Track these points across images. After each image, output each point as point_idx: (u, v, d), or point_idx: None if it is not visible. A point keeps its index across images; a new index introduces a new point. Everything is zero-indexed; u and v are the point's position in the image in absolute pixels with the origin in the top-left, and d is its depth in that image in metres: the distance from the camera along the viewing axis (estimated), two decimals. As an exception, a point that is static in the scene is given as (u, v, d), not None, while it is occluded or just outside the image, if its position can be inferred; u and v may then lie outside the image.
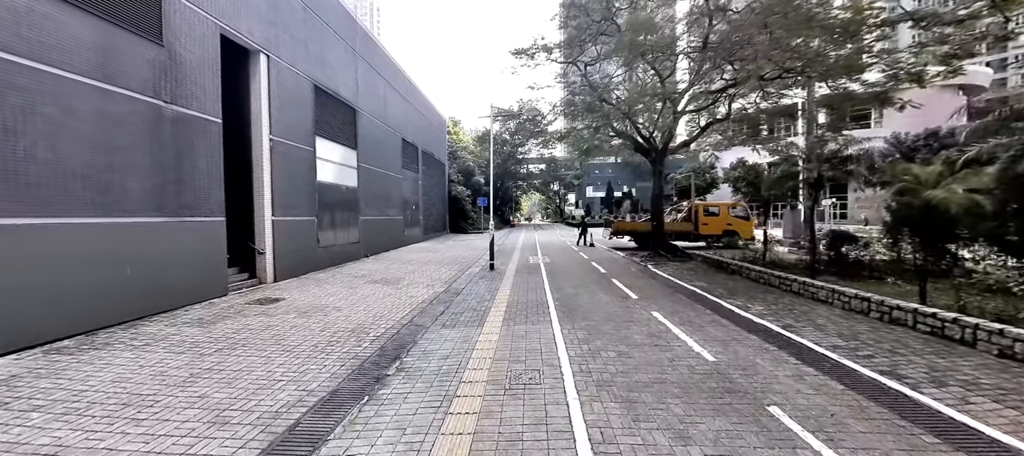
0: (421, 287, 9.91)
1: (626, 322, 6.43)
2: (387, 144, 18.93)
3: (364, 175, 16.10)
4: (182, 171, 7.90)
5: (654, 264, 12.79)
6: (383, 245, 17.91)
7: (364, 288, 9.80)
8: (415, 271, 12.51)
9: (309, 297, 8.83)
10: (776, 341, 5.48)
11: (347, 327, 6.52)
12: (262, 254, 10.31)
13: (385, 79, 18.80)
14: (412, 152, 23.15)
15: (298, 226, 11.59)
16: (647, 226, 18.18)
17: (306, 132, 12.12)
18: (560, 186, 74.09)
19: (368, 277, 11.41)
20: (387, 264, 14.13)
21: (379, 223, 17.61)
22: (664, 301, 7.90)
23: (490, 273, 12.07)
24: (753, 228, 17.90)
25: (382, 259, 15.56)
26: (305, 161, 12.05)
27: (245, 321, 6.91)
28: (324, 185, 13.13)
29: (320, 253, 12.70)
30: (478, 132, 54.45)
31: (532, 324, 6.42)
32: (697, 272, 11.37)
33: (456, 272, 12.31)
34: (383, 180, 18.29)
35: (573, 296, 8.48)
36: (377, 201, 17.49)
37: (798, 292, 8.09)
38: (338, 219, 14.07)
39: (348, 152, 15.00)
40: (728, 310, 7.15)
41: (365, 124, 16.30)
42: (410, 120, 22.65)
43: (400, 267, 13.38)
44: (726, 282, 9.79)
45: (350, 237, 14.92)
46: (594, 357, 4.92)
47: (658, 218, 14.27)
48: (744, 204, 17.99)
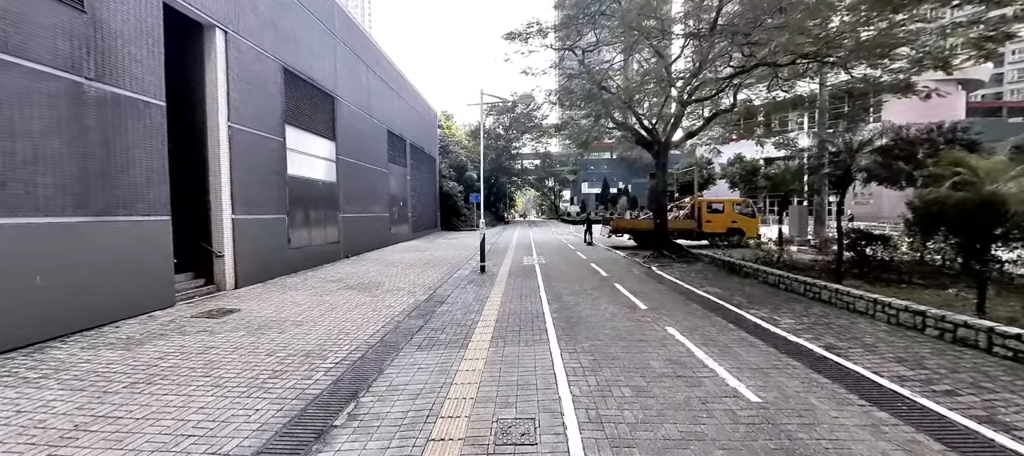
0: (401, 294, 8.78)
1: (639, 342, 5.37)
2: (371, 136, 17.67)
3: (344, 169, 14.87)
4: (112, 162, 6.67)
5: (659, 266, 11.77)
6: (366, 244, 16.70)
7: (336, 296, 8.64)
8: (397, 274, 11.37)
9: (270, 307, 7.66)
10: (825, 370, 4.45)
11: (302, 349, 5.39)
12: (220, 257, 9.10)
13: (368, 66, 17.51)
14: (399, 145, 21.89)
15: (264, 225, 10.37)
16: (648, 224, 17.17)
17: (274, 120, 10.87)
18: (555, 182, 73.04)
19: (344, 282, 10.25)
20: (368, 266, 12.96)
21: (362, 221, 16.40)
22: (678, 312, 6.86)
23: (480, 277, 10.96)
24: (759, 226, 16.98)
25: (364, 260, 14.38)
26: (273, 152, 10.81)
27: (182, 341, 5.75)
28: (296, 179, 11.90)
29: (292, 255, 11.49)
30: (471, 126, 53.11)
31: (526, 345, 5.33)
32: (707, 275, 10.36)
33: (443, 275, 11.19)
34: (366, 175, 17.05)
35: (573, 306, 7.41)
36: (359, 197, 16.26)
37: (829, 301, 7.10)
38: (313, 217, 12.85)
39: (325, 144, 13.75)
40: (753, 324, 6.13)
41: (345, 114, 15.04)
42: (397, 111, 21.37)
43: (382, 270, 12.22)
44: (742, 287, 8.79)
45: (328, 236, 13.71)
46: (605, 397, 3.85)
47: (661, 215, 13.27)
48: (750, 200, 17.06)
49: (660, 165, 13.36)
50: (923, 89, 11.02)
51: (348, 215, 15.11)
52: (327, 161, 13.87)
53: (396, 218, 20.84)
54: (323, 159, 13.61)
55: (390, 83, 20.49)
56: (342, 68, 14.89)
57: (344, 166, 14.85)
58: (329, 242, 13.77)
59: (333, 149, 14.20)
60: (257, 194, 10.14)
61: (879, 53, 11.12)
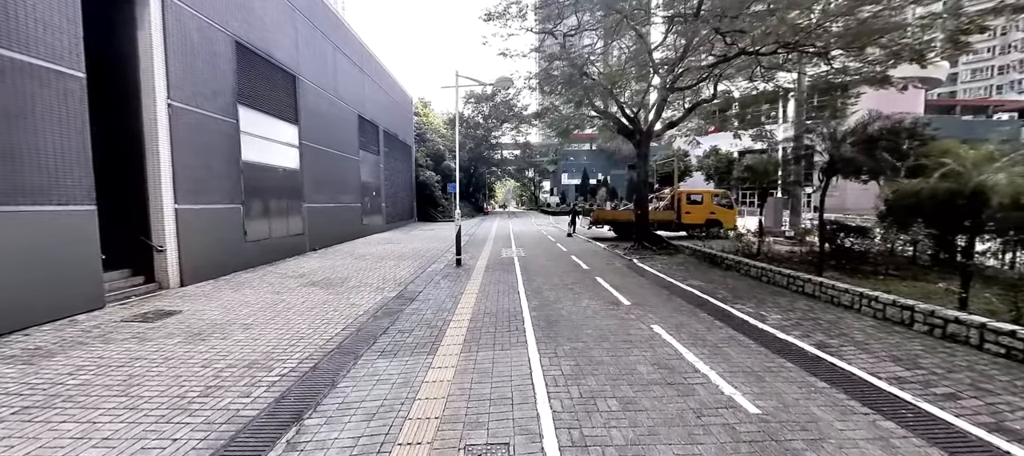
0: (368, 291, 8.10)
1: (624, 343, 4.96)
2: (339, 121, 16.59)
3: (309, 155, 13.84)
4: (13, 143, 5.66)
5: (639, 258, 11.51)
6: (335, 236, 15.76)
7: (295, 294, 7.88)
8: (367, 268, 10.62)
9: (217, 308, 6.85)
10: (821, 372, 4.16)
11: (245, 359, 4.70)
12: (161, 252, 8.13)
13: (336, 46, 16.34)
14: (372, 132, 20.79)
15: (215, 216, 9.40)
16: (629, 215, 16.97)
17: (226, 100, 9.82)
18: (535, 173, 72.62)
19: (307, 277, 9.45)
20: (335, 260, 12.12)
21: (330, 211, 15.42)
22: (662, 308, 6.52)
23: (456, 271, 10.37)
24: (736, 217, 17.08)
25: (332, 253, 13.50)
26: (224, 135, 9.78)
27: (102, 352, 4.93)
28: (253, 166, 10.89)
29: (249, 248, 10.54)
30: (450, 114, 51.79)
31: (501, 349, 4.83)
32: (688, 268, 10.15)
33: (416, 270, 10.53)
34: (334, 162, 16.02)
35: (553, 302, 6.96)
36: (327, 186, 15.26)
37: (814, 295, 6.93)
38: (274, 207, 11.86)
39: (287, 128, 12.69)
40: (740, 320, 5.84)
41: (309, 96, 13.96)
42: (369, 96, 20.23)
43: (350, 263, 11.43)
44: (724, 280, 8.58)
45: (291, 228, 12.74)
46: (589, 412, 3.39)
47: (642, 206, 13.01)
48: (727, 192, 17.12)
49: (641, 155, 13.05)
50: (900, 81, 11.08)
51: (314, 205, 14.13)
52: (289, 147, 12.82)
53: (368, 208, 19.86)
54: (284, 144, 12.57)
55: (361, 65, 19.31)
56: (305, 46, 13.76)
57: (309, 152, 13.82)
58: (292, 234, 12.80)
59: (296, 134, 13.15)
60: (206, 181, 9.15)
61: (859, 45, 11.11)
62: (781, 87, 14.48)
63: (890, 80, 11.93)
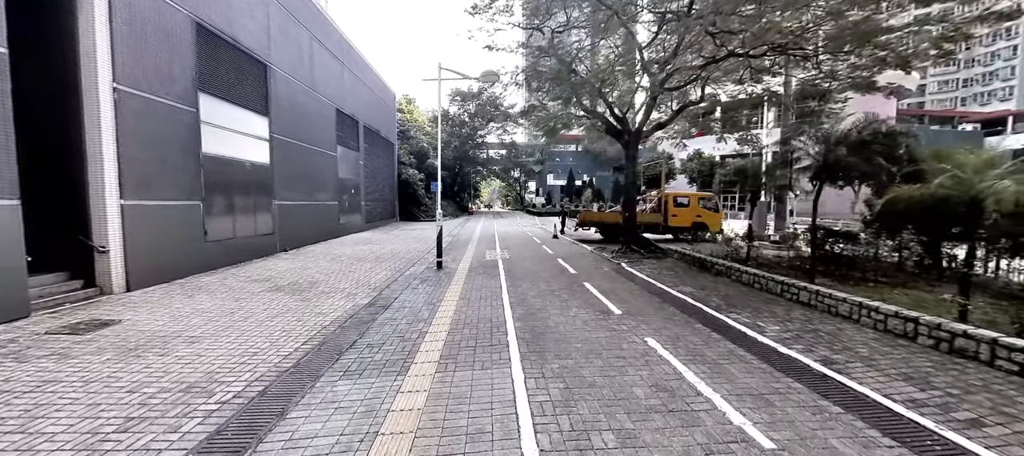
0: (338, 298, 7.44)
1: (617, 360, 4.50)
2: (315, 114, 15.73)
3: (281, 150, 12.99)
4: (-90, 123, 4.82)
5: (628, 262, 11.15)
6: (309, 236, 14.91)
7: (257, 300, 7.16)
8: (340, 272, 9.92)
9: (164, 317, 6.10)
10: (832, 393, 3.80)
11: (184, 381, 4.04)
12: (103, 253, 7.28)
13: (313, 34, 15.49)
14: (351, 127, 19.92)
15: (169, 213, 8.56)
16: (615, 217, 16.68)
17: (183, 86, 8.97)
18: (521, 173, 72.27)
19: (273, 281, 8.70)
20: (307, 261, 11.34)
21: (303, 209, 14.57)
22: (655, 318, 6.11)
23: (436, 274, 9.79)
24: (722, 220, 17.01)
25: (304, 254, 12.69)
26: (181, 125, 8.93)
27: (9, 373, 4.19)
28: (216, 159, 10.04)
29: (210, 249, 9.70)
30: (435, 111, 50.82)
31: (482, 368, 4.31)
32: (678, 273, 9.84)
33: (393, 273, 9.89)
34: (309, 157, 15.16)
35: (539, 311, 6.47)
36: (301, 183, 14.41)
37: (809, 303, 6.66)
38: (240, 204, 11.01)
39: (256, 119, 11.83)
40: (738, 332, 5.48)
41: (282, 86, 13.11)
42: (349, 89, 19.37)
43: (323, 266, 10.69)
44: (716, 287, 8.28)
45: (260, 227, 11.89)
46: (582, 450, 2.91)
47: (630, 209, 12.69)
48: (713, 195, 17.03)
49: (630, 157, 12.73)
50: (886, 86, 11.07)
51: (286, 202, 13.28)
52: (258, 140, 11.96)
53: (346, 207, 19.00)
54: (253, 137, 11.71)
55: (340, 58, 18.44)
56: (278, 33, 12.91)
57: (281, 146, 12.96)
58: (261, 233, 11.95)
59: (266, 126, 12.29)
60: (159, 175, 8.30)
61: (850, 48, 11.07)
62: (768, 90, 14.40)
63: (875, 85, 11.97)
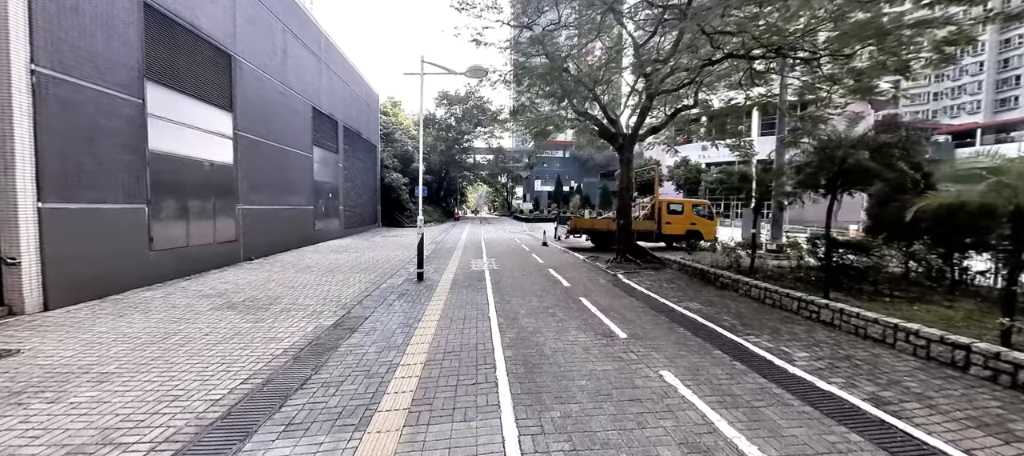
0: (299, 317, 6.43)
1: (632, 404, 3.67)
2: (288, 112, 14.61)
3: (247, 149, 11.85)
4: None
5: (625, 273, 10.40)
6: (280, 243, 13.72)
7: (201, 321, 6.09)
8: (308, 284, 8.87)
9: (78, 345, 5.00)
10: (901, 448, 3.04)
11: (64, 443, 3.02)
12: (13, 264, 6.10)
13: (287, 26, 14.42)
14: (329, 127, 18.80)
15: (104, 218, 7.40)
16: (608, 224, 16.01)
17: (126, 73, 7.85)
18: (508, 178, 71.61)
19: (227, 297, 7.61)
20: (273, 272, 10.22)
21: (273, 214, 13.40)
22: (666, 342, 5.32)
23: (416, 288, 8.83)
24: (717, 228, 16.52)
25: (271, 264, 11.53)
26: (122, 118, 7.79)
27: None
28: (166, 157, 8.90)
29: (156, 259, 8.53)
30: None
31: (463, 418, 3.41)
32: (680, 286, 9.12)
33: (368, 286, 8.89)
34: (280, 158, 14.02)
35: (533, 334, 5.61)
36: (271, 185, 13.25)
37: (831, 323, 5.98)
38: (196, 208, 9.84)
39: (217, 114, 10.70)
40: (763, 361, 4.73)
41: (249, 80, 12.00)
42: (327, 87, 18.28)
43: (290, 277, 9.60)
44: (724, 302, 7.57)
45: (220, 234, 10.71)
46: None
47: (625, 216, 11.99)
48: (707, 202, 16.55)
49: (624, 160, 12.05)
50: (886, 92, 10.70)
51: (252, 207, 12.11)
52: (220, 137, 10.82)
53: (323, 212, 17.82)
54: (214, 134, 10.57)
55: (318, 53, 17.37)
56: (246, 23, 11.83)
57: (246, 145, 11.83)
58: (222, 241, 10.77)
59: (230, 122, 11.16)
60: (91, 174, 7.15)
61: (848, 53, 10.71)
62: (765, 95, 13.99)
63: (873, 91, 11.66)
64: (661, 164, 46.52)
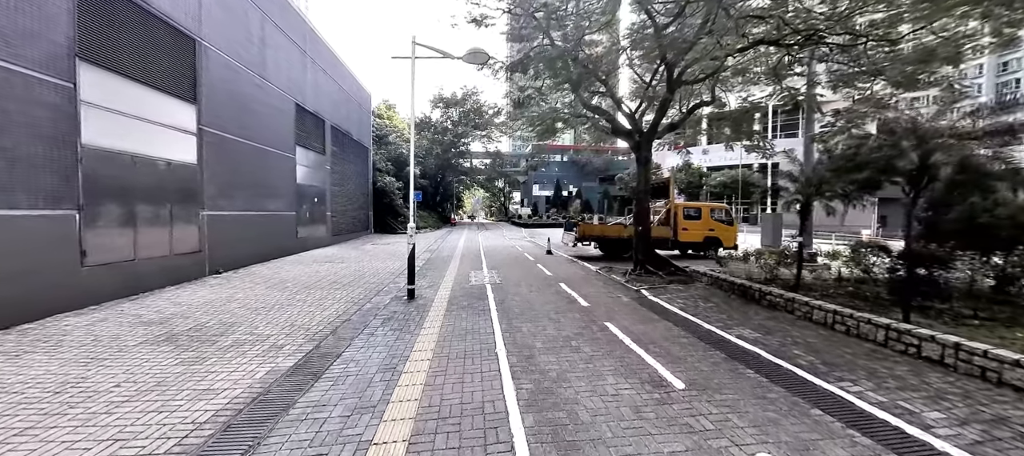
0: (253, 354, 4.99)
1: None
2: (267, 108, 13.19)
3: (215, 147, 10.42)
4: None
5: (649, 289, 9.03)
6: (254, 254, 12.24)
7: (121, 361, 4.65)
8: (277, 305, 7.42)
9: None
10: None
11: None
12: None
13: (265, 13, 13.05)
14: (315, 127, 17.39)
15: (14, 228, 5.93)
16: (619, 230, 14.67)
17: (49, 48, 6.43)
18: (505, 183, 70.33)
19: (168, 325, 6.15)
20: (239, 289, 8.75)
21: (247, 221, 11.93)
22: (741, 397, 3.93)
23: (405, 308, 7.40)
24: (737, 234, 15.24)
25: (241, 278, 10.06)
26: (45, 105, 6.36)
27: None
28: (107, 154, 7.45)
29: (90, 276, 7.05)
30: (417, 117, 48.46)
31: None
32: (718, 305, 7.76)
33: (349, 306, 7.46)
34: (258, 159, 12.58)
35: (557, 382, 4.20)
36: (244, 188, 11.80)
37: (942, 361, 4.63)
38: (147, 214, 8.38)
39: (177, 106, 9.27)
40: (889, 429, 3.36)
41: (218, 69, 10.59)
42: (312, 83, 16.90)
43: (257, 296, 8.14)
44: (782, 328, 6.21)
45: (179, 244, 9.24)
46: None
47: (644, 221, 10.65)
48: (726, 206, 15.28)
49: (642, 159, 10.75)
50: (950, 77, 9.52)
51: (221, 213, 10.65)
52: (181, 132, 9.39)
53: (307, 218, 16.35)
54: (173, 129, 9.14)
55: (302, 46, 16.01)
56: (215, 4, 10.45)
57: (215, 143, 10.40)
58: (181, 252, 9.30)
59: (193, 116, 9.74)
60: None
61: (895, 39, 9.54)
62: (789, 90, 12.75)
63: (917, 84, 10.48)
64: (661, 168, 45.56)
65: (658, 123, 10.68)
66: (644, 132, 10.99)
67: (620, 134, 11.50)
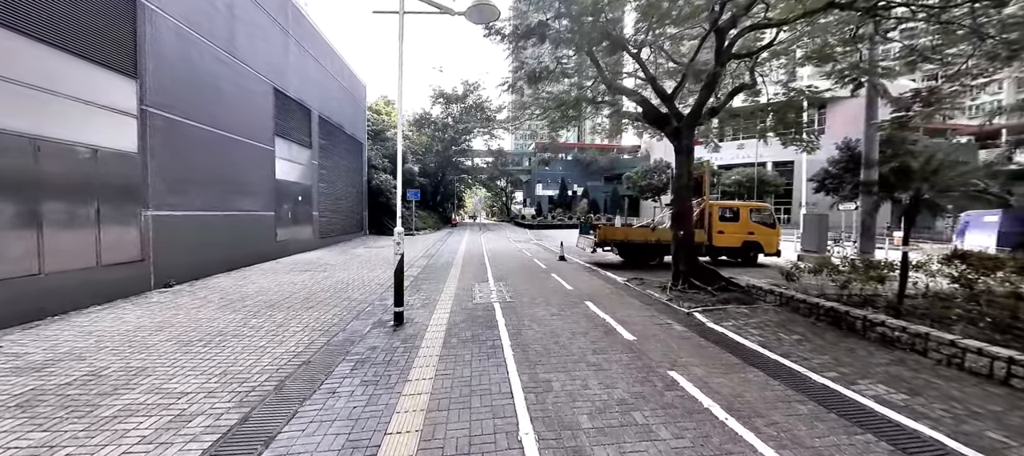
0: (129, 443, 3.12)
1: None
2: (238, 91, 11.34)
3: (165, 133, 8.58)
4: None
5: (702, 309, 7.13)
6: (221, 260, 10.40)
7: None
8: (223, 334, 5.55)
9: None
10: None
11: None
12: None
13: (235, -19, 11.20)
14: (300, 117, 15.54)
15: None
16: (645, 234, 12.75)
17: None
18: (507, 182, 68.42)
19: (45, 372, 4.31)
20: (180, 310, 6.89)
21: (210, 223, 10.08)
22: None
23: (389, 342, 5.52)
24: (779, 239, 13.32)
25: (193, 293, 8.20)
26: None
27: None
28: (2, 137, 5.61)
29: (-44, 300, 5.19)
30: (417, 113, 46.69)
31: None
32: (806, 337, 5.86)
33: (314, 337, 5.59)
34: (225, 150, 10.74)
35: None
36: (206, 184, 9.95)
37: None
38: (58, 215, 6.53)
39: (106, 79, 7.43)
40: None
41: (170, 39, 8.75)
42: (297, 67, 15.06)
43: (201, 320, 6.27)
44: (932, 385, 4.32)
45: (112, 251, 7.39)
46: None
47: (685, 224, 8.77)
48: (767, 206, 13.36)
49: (682, 149, 8.86)
50: None
51: (172, 213, 8.82)
52: (113, 112, 7.54)
53: (289, 219, 14.50)
54: (100, 108, 7.29)
55: (284, 23, 14.16)
56: (165, -40, 8.61)
57: (163, 127, 8.56)
58: (114, 262, 7.45)
59: (132, 93, 7.89)
60: None
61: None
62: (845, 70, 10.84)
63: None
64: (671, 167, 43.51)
65: (704, 104, 8.78)
66: (684, 116, 9.10)
67: (653, 120, 9.61)
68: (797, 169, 40.01)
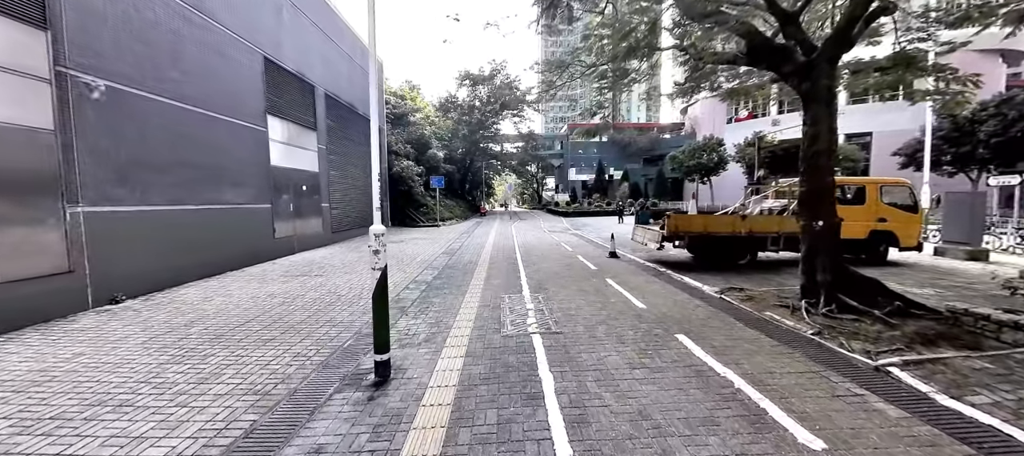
0: None
1: None
2: (217, 58, 9.29)
3: (102, 107, 6.57)
4: None
5: (897, 358, 4.21)
6: (200, 264, 8.49)
7: None
8: (108, 398, 3.33)
9: None
10: None
11: None
12: None
13: (204, -81, 9.02)
14: (300, 93, 13.50)
15: None
16: (733, 224, 9.62)
17: None
18: (538, 168, 65.22)
19: None
20: (100, 345, 4.83)
21: (176, 221, 8.13)
22: None
23: (357, 418, 3.06)
24: (920, 228, 9.80)
25: (146, 311, 6.21)
26: None
27: None
28: None
29: None
30: (442, 97, 44.52)
31: None
32: None
33: (242, 409, 3.26)
34: (199, 129, 8.74)
35: None
36: (167, 171, 7.98)
37: None
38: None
39: (14, 32, 5.40)
40: None
41: (99, -22, 6.66)
42: (295, 34, 12.95)
43: (114, 362, 4.13)
44: None
45: (13, 264, 5.46)
46: None
47: (823, 206, 5.70)
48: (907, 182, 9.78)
49: (820, 100, 5.76)
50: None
51: (116, 209, 6.87)
52: (18, 76, 5.54)
53: (290, 211, 12.58)
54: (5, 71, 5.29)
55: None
56: None
57: (100, 100, 6.54)
58: (19, 278, 5.53)
59: (41, 49, 5.87)
60: None
61: None
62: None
63: None
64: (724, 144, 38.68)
65: (852, 25, 5.60)
66: (818, 48, 5.96)
67: (764, 56, 6.51)
68: (876, 142, 34.32)
